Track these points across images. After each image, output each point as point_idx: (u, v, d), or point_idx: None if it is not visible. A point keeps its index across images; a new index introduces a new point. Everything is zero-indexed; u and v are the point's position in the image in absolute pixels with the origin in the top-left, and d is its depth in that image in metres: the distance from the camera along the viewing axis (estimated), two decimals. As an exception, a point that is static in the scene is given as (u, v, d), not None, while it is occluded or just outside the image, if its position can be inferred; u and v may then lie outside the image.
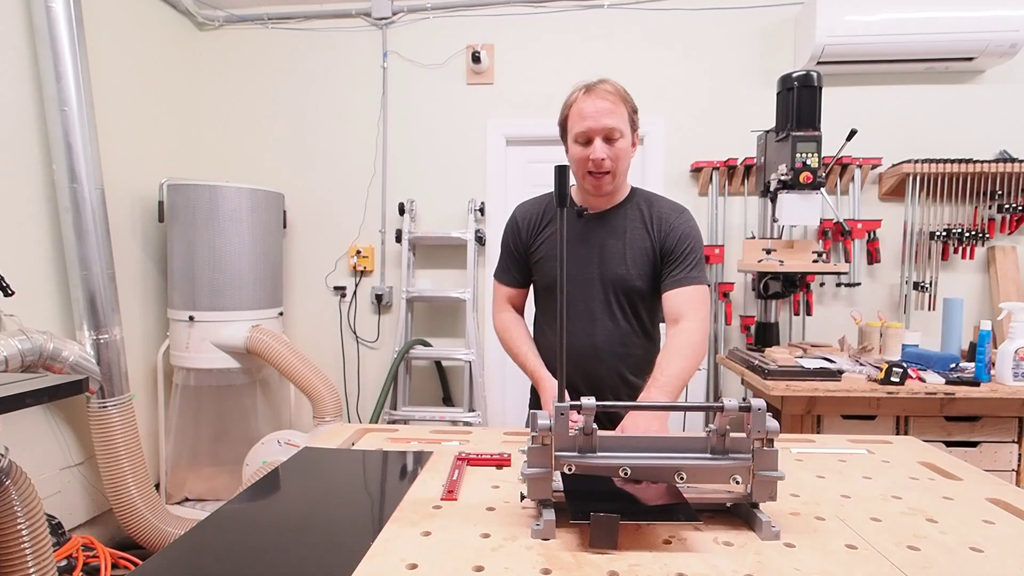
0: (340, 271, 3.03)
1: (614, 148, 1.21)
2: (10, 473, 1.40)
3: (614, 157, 1.22)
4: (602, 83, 1.23)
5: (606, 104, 1.19)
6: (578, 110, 1.22)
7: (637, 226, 1.31)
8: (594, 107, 1.19)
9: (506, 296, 1.43)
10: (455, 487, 0.89)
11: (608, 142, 1.21)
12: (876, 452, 1.11)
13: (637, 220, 1.31)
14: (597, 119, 1.19)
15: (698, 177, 2.76)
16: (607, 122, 1.19)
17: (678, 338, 1.22)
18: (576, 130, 1.22)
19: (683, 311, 1.24)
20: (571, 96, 1.25)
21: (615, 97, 1.21)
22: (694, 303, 1.24)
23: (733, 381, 2.75)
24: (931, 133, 2.61)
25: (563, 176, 0.84)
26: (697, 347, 1.21)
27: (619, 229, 1.30)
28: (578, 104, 1.22)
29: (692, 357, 1.20)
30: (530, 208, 1.39)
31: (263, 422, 2.76)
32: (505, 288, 1.43)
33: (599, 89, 1.22)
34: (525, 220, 1.37)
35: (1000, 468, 1.89)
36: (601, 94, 1.21)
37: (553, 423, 0.74)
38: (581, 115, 1.21)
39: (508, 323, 1.41)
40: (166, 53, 2.81)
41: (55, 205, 2.17)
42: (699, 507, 0.79)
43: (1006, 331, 1.92)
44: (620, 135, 1.21)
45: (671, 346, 1.22)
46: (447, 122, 2.92)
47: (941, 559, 0.68)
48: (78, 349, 2.09)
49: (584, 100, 1.21)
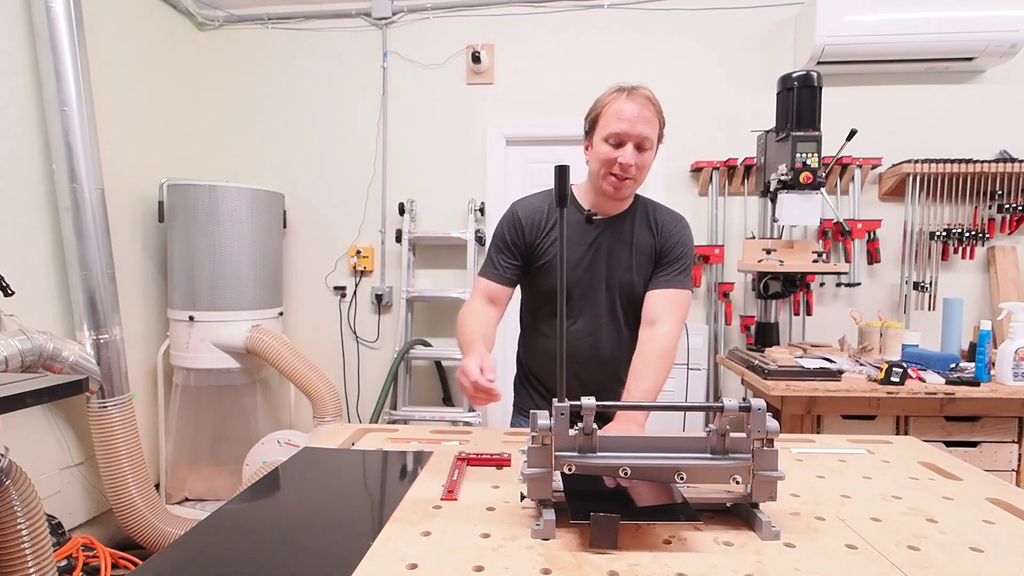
0: (340, 271, 3.03)
1: (642, 157, 1.20)
2: (10, 473, 1.40)
3: (640, 166, 1.20)
4: (641, 88, 1.20)
5: (646, 112, 1.18)
6: (617, 110, 1.18)
7: (643, 232, 1.31)
8: (635, 112, 1.17)
9: (486, 292, 1.32)
10: (455, 487, 0.89)
11: (639, 149, 1.19)
12: (876, 452, 1.11)
13: (643, 226, 1.31)
14: (634, 124, 1.17)
15: (698, 177, 2.76)
16: (643, 130, 1.17)
17: (652, 345, 1.23)
18: (610, 130, 1.19)
19: (660, 313, 1.25)
20: (607, 95, 1.22)
21: (653, 109, 1.20)
22: (673, 306, 1.26)
23: (733, 381, 2.75)
24: (931, 133, 2.61)
25: (563, 176, 0.83)
26: (670, 355, 1.23)
27: (626, 235, 1.30)
28: (617, 104, 1.19)
29: (665, 368, 1.22)
30: (534, 207, 1.32)
31: (263, 422, 2.76)
32: (490, 284, 1.32)
33: (639, 95, 1.19)
34: (529, 219, 1.31)
35: (1000, 468, 1.89)
36: (642, 101, 1.18)
37: (553, 423, 0.74)
38: (619, 115, 1.17)
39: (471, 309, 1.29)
40: (166, 53, 2.81)
41: (55, 205, 2.17)
42: (699, 507, 0.79)
43: (1006, 331, 1.92)
44: (650, 146, 1.20)
45: (645, 355, 1.22)
46: (447, 122, 2.92)
47: (941, 559, 0.68)
48: (78, 349, 2.09)
49: (625, 101, 1.18)
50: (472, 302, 1.32)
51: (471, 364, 1.03)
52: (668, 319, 1.25)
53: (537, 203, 1.33)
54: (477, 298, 1.32)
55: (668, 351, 1.23)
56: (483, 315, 1.28)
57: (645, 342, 1.24)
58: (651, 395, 1.18)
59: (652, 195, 2.94)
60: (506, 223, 1.33)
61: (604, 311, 1.31)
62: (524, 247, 1.32)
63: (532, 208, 1.32)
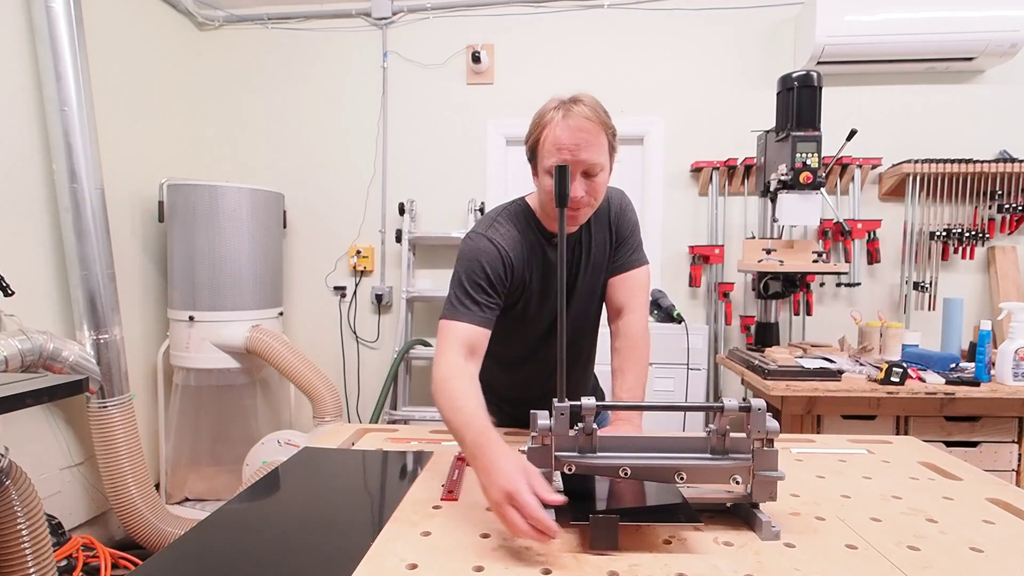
0: (340, 271, 3.03)
1: (593, 183, 1.04)
2: (10, 473, 1.40)
3: (593, 193, 1.05)
4: (578, 104, 1.02)
5: (584, 135, 1.00)
6: (554, 140, 1.01)
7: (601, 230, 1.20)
8: (572, 138, 0.99)
9: (467, 341, 1.04)
10: (455, 487, 0.89)
11: (587, 176, 1.03)
12: (876, 452, 1.12)
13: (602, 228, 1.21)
14: (575, 153, 1.00)
15: (698, 177, 2.76)
16: (587, 156, 1.00)
17: (625, 340, 1.20)
18: (550, 162, 1.01)
19: (625, 300, 1.21)
20: (543, 117, 1.04)
21: (594, 124, 1.00)
22: (635, 289, 1.22)
23: (733, 381, 2.75)
24: (931, 133, 2.61)
25: (563, 176, 0.83)
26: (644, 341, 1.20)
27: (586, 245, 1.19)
28: (552, 132, 1.01)
29: (644, 358, 1.19)
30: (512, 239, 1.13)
31: (263, 422, 2.76)
32: (472, 329, 1.05)
33: (576, 114, 1.00)
34: (514, 253, 1.12)
35: (1000, 468, 1.89)
36: (579, 121, 1.00)
37: (553, 423, 0.74)
38: (557, 146, 1.00)
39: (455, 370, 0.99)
40: (166, 53, 2.81)
41: (55, 205, 2.17)
42: (699, 507, 0.79)
43: (1006, 331, 1.91)
44: (600, 169, 1.03)
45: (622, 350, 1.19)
46: (447, 122, 2.92)
47: (941, 559, 0.68)
48: (78, 349, 2.09)
49: (561, 128, 1.00)
50: (451, 357, 1.01)
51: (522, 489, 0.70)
52: (633, 304, 1.21)
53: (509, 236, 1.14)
54: (455, 351, 1.02)
55: (641, 338, 1.20)
56: (473, 380, 1.00)
57: (617, 336, 1.22)
58: (637, 390, 1.15)
59: (652, 195, 2.95)
60: (489, 258, 1.10)
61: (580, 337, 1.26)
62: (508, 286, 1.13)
63: (512, 241, 1.13)
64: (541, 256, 1.15)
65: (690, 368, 2.46)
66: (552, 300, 1.17)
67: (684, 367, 2.46)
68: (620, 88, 2.75)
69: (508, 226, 1.15)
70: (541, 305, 1.18)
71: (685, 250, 2.80)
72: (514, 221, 1.16)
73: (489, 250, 1.11)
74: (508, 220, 1.17)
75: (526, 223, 1.16)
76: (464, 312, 1.06)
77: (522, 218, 1.17)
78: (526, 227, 1.15)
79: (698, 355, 2.49)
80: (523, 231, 1.15)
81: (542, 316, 1.19)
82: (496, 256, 1.11)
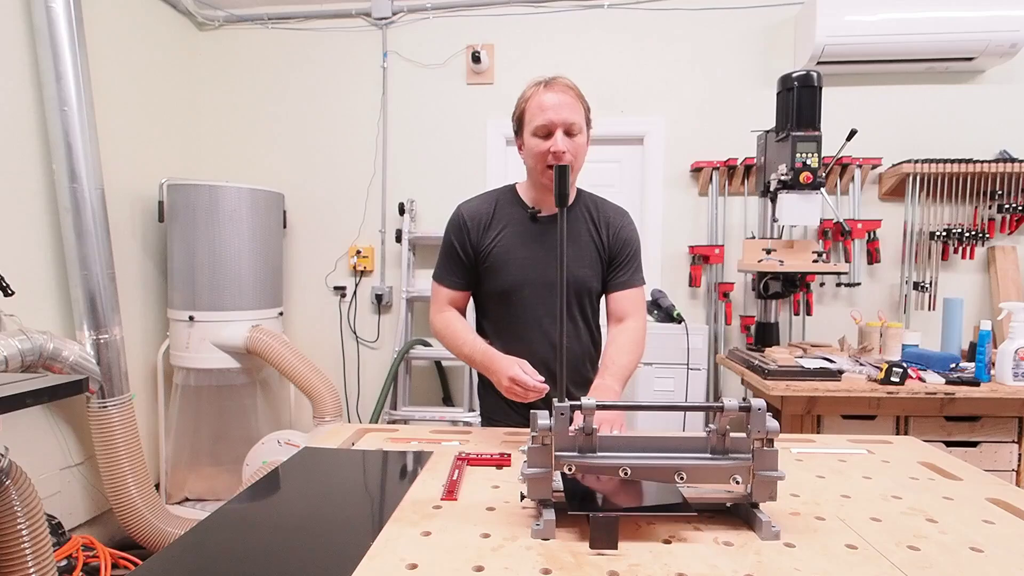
0: (340, 271, 3.03)
1: (574, 142, 1.21)
2: (10, 473, 1.40)
3: (573, 151, 1.21)
4: (559, 79, 1.23)
5: (567, 98, 1.19)
6: (538, 102, 1.20)
7: (588, 228, 1.32)
8: (556, 100, 1.19)
9: (447, 299, 1.35)
10: (455, 487, 0.89)
11: (568, 135, 1.20)
12: (876, 452, 1.11)
13: (588, 221, 1.32)
14: (558, 111, 1.18)
15: (698, 177, 2.76)
16: (568, 116, 1.19)
17: (625, 335, 1.29)
18: (536, 123, 1.20)
19: (628, 311, 1.32)
20: (527, 91, 1.25)
21: (573, 93, 1.21)
22: (636, 303, 1.33)
23: (733, 381, 2.75)
24: (931, 133, 2.61)
25: (563, 176, 0.84)
26: (641, 344, 1.31)
27: (572, 231, 1.30)
28: (537, 97, 1.21)
29: (638, 353, 1.29)
30: (478, 207, 1.33)
31: (263, 422, 2.76)
32: (446, 291, 1.35)
33: (557, 84, 1.21)
34: (474, 220, 1.31)
35: (1000, 468, 1.89)
36: (561, 88, 1.20)
37: (553, 423, 0.74)
38: (541, 107, 1.19)
39: (450, 319, 1.32)
40: (166, 53, 2.81)
41: (55, 205, 2.17)
42: (699, 507, 0.79)
43: (1006, 331, 1.92)
44: (579, 130, 1.21)
45: (620, 341, 1.28)
46: (447, 122, 2.92)
47: (941, 559, 0.68)
48: (78, 349, 2.09)
49: (544, 93, 1.20)
50: (442, 311, 1.34)
51: (517, 372, 1.09)
52: (635, 315, 1.32)
53: (481, 203, 1.34)
54: (444, 305, 1.35)
55: (640, 340, 1.30)
56: (462, 320, 1.32)
57: (618, 333, 1.30)
58: (626, 371, 1.23)
59: (652, 195, 2.95)
60: (453, 227, 1.33)
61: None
62: (471, 248, 1.31)
63: (476, 208, 1.33)
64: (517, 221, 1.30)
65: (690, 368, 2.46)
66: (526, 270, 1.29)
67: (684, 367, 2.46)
68: (620, 88, 2.75)
69: (483, 199, 1.35)
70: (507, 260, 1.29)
71: (685, 250, 2.80)
72: (494, 195, 1.35)
73: (455, 220, 1.33)
74: (488, 195, 1.36)
75: (507, 199, 1.34)
76: (445, 278, 1.35)
77: (505, 193, 1.35)
78: (506, 202, 1.33)
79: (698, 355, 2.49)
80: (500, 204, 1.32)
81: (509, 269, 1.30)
82: (458, 225, 1.32)
